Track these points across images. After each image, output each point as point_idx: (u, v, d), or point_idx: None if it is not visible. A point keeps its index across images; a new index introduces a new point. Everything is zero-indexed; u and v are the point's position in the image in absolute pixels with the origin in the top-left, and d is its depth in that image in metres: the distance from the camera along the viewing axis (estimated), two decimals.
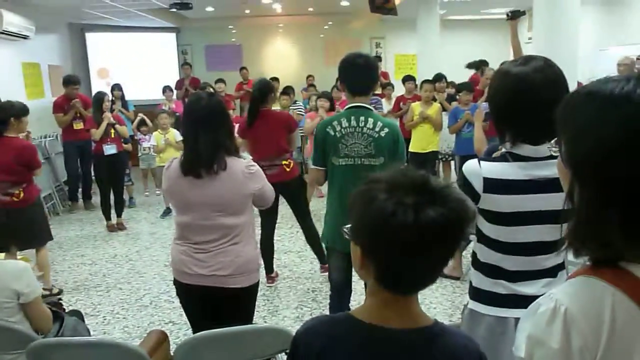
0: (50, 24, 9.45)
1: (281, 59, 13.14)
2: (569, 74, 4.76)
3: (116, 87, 8.86)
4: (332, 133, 2.87)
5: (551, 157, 1.62)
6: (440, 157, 7.28)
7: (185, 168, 2.43)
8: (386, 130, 2.83)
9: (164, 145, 7.05)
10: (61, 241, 6.27)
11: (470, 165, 1.71)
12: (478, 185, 1.67)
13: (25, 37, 7.98)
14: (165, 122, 7.11)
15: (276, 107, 7.98)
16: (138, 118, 8.12)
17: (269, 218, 4.54)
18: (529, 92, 1.61)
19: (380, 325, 1.05)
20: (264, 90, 4.50)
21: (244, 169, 2.47)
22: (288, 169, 4.51)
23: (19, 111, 4.50)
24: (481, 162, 1.71)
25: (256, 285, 2.64)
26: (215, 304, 2.54)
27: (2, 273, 2.40)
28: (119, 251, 5.88)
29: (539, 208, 1.64)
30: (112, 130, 6.38)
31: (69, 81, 7.37)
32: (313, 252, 4.90)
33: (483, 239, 1.75)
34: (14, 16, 7.49)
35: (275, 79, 9.90)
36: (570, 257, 0.99)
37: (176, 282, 2.62)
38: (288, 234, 6.08)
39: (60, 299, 4.24)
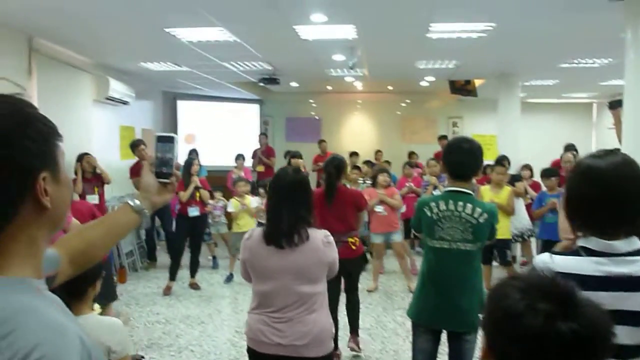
0: (147, 91, 10.22)
1: (358, 133, 13.44)
2: None
3: (193, 152, 9.30)
4: (429, 214, 2.89)
5: (630, 254, 1.57)
6: (515, 239, 6.91)
7: (267, 238, 2.56)
8: (485, 216, 2.83)
9: (239, 211, 7.18)
10: (138, 297, 6.48)
11: (542, 259, 1.67)
12: None
13: (125, 103, 8.65)
14: (243, 190, 7.30)
15: (346, 182, 8.11)
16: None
17: (332, 291, 4.48)
18: (600, 187, 1.60)
19: None
20: (341, 166, 4.59)
21: (323, 238, 2.59)
22: (354, 247, 4.47)
23: None
24: (553, 255, 1.65)
25: (330, 354, 2.65)
26: None
27: (98, 327, 2.50)
28: (192, 312, 5.99)
29: (616, 307, 1.53)
30: (198, 194, 6.67)
31: (139, 142, 7.62)
32: (348, 319, 4.79)
33: None
34: (118, 83, 8.18)
35: (355, 154, 10.08)
36: None
37: (250, 350, 2.64)
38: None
39: (142, 356, 4.35)
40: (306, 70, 8.94)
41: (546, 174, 6.34)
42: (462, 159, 2.86)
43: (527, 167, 7.85)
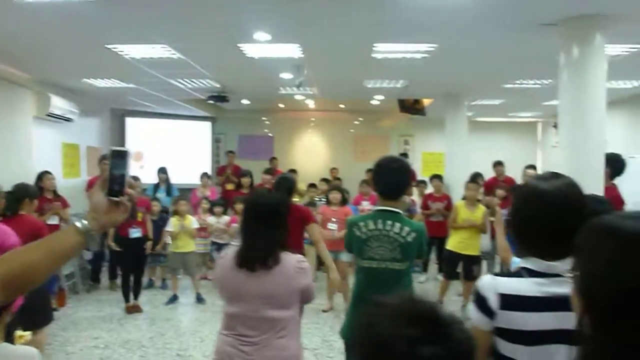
0: (94, 108, 9.97)
1: (311, 151, 13.46)
2: (596, 180, 4.69)
3: (161, 171, 9.08)
4: (358, 233, 2.89)
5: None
6: (484, 257, 6.99)
7: (240, 261, 2.49)
8: (413, 235, 2.83)
9: (179, 232, 7.01)
10: (77, 321, 6.23)
11: (486, 280, 1.68)
12: (494, 302, 1.62)
13: (68, 120, 8.41)
14: (183, 209, 7.10)
15: (302, 201, 8.11)
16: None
17: None
18: (542, 210, 1.62)
19: None
20: (292, 185, 4.59)
21: (296, 263, 2.53)
22: None
23: (33, 193, 4.82)
24: (496, 277, 1.67)
25: None
26: None
27: (13, 357, 2.37)
28: (133, 336, 5.79)
29: (556, 327, 1.58)
30: (140, 214, 6.50)
31: (104, 157, 7.55)
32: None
33: (499, 358, 1.68)
34: (60, 100, 7.95)
35: (294, 171, 10.08)
36: None
37: None
38: (305, 329, 5.91)
39: None
40: (256, 88, 8.92)
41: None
42: (391, 179, 2.87)
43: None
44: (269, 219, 2.53)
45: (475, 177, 7.33)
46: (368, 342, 0.93)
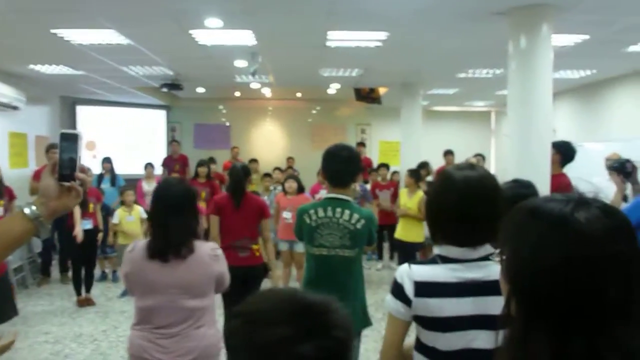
0: (43, 95, 9.62)
1: (269, 140, 13.39)
2: (542, 168, 4.79)
3: (106, 160, 8.85)
4: (308, 221, 2.89)
5: (482, 259, 1.62)
6: (425, 243, 7.16)
7: (152, 252, 2.42)
8: (362, 222, 2.85)
9: (126, 223, 6.98)
10: (27, 316, 6.04)
11: (402, 269, 1.68)
12: (409, 289, 1.63)
13: (15, 108, 8.08)
14: (130, 200, 7.04)
15: (258, 189, 8.07)
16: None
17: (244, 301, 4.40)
18: (454, 198, 1.65)
19: None
20: (248, 173, 4.55)
21: (209, 251, 2.49)
22: (257, 254, 4.45)
23: None
24: (412, 265, 1.67)
25: None
26: None
27: None
28: (85, 330, 5.66)
29: (472, 312, 1.60)
30: (91, 205, 6.34)
31: (51, 146, 7.28)
32: None
33: (421, 348, 1.68)
34: (5, 87, 7.63)
35: (255, 160, 10.10)
36: None
37: None
38: None
39: None
40: (211, 76, 8.79)
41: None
42: (340, 167, 2.88)
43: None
44: (178, 208, 2.46)
45: (422, 167, 7.50)
46: (244, 348, 0.89)
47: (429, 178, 8.03)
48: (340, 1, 4.63)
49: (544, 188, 4.66)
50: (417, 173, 6.94)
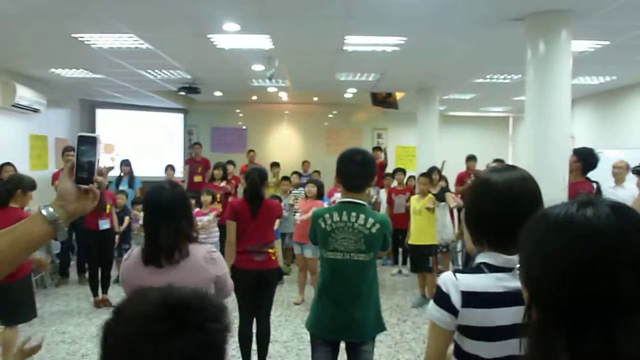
0: (63, 99, 9.78)
1: (285, 144, 13.43)
2: (559, 175, 4.73)
3: (124, 163, 8.95)
4: (323, 225, 2.88)
5: None
6: (439, 249, 7.15)
7: (146, 257, 2.40)
8: (377, 226, 2.84)
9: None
10: (44, 316, 6.12)
11: (447, 278, 1.63)
12: (456, 299, 1.58)
13: (35, 110, 8.23)
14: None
15: (277, 192, 8.13)
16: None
17: (243, 320, 4.35)
18: (495, 201, 1.61)
19: None
20: (264, 177, 4.53)
21: (205, 254, 2.45)
22: (274, 257, 4.44)
23: (27, 185, 4.60)
24: (457, 274, 1.62)
25: None
26: None
27: None
28: None
29: (517, 321, 1.58)
30: (108, 206, 6.41)
31: (67, 149, 7.38)
32: (258, 350, 4.49)
33: (463, 355, 1.64)
34: (26, 90, 7.77)
35: (277, 164, 10.12)
36: None
37: None
38: (276, 322, 5.93)
39: None
40: (228, 80, 8.84)
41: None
42: (354, 171, 2.86)
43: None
44: (168, 212, 2.42)
45: (431, 171, 7.48)
46: (116, 345, 0.88)
47: (442, 183, 7.98)
48: (358, 6, 4.65)
49: (561, 195, 4.62)
50: (430, 176, 6.98)
